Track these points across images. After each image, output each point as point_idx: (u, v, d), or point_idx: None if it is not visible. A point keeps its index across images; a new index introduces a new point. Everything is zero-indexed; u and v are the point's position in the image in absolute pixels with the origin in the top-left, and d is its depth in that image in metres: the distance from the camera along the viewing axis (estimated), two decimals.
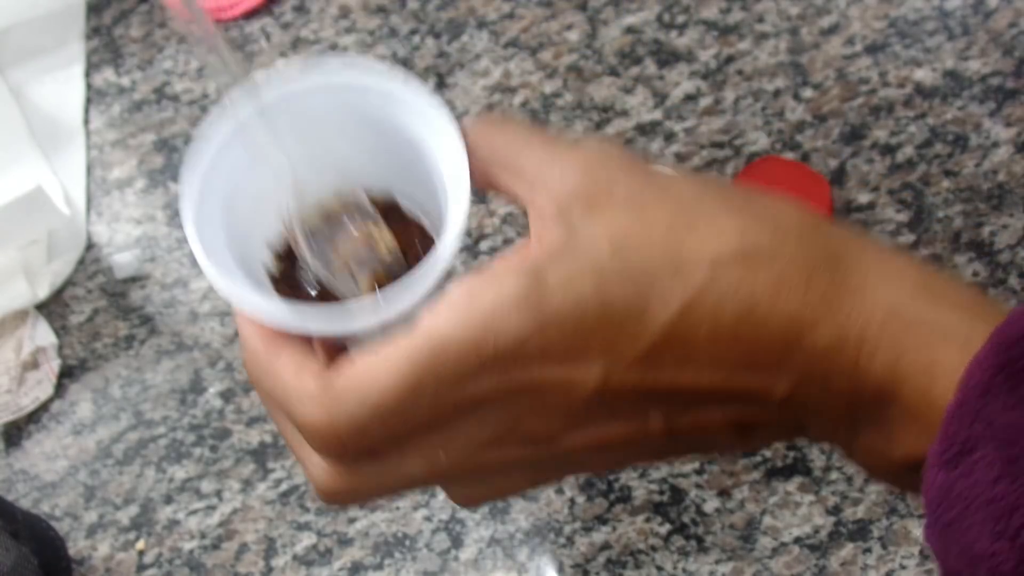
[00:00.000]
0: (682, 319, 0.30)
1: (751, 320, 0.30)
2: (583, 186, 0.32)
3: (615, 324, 0.30)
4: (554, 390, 0.31)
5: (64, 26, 0.86)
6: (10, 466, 0.70)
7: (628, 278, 0.30)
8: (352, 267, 0.38)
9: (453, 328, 0.29)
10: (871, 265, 0.31)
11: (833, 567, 0.61)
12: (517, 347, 0.30)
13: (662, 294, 0.30)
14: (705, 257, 0.30)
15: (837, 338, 0.30)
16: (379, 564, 0.64)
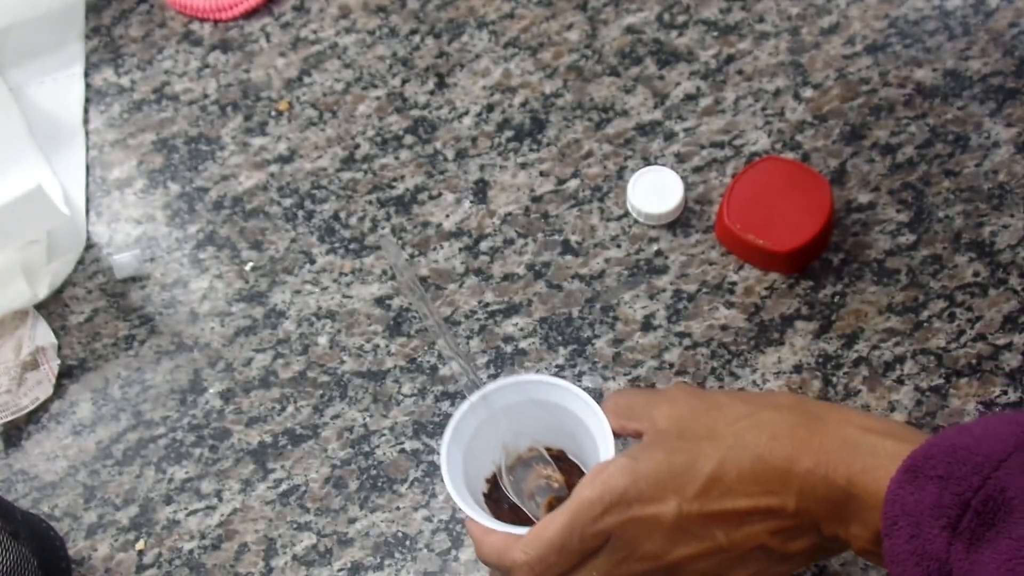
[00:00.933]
0: (719, 467, 0.50)
1: (761, 462, 0.49)
2: (670, 418, 0.54)
3: (678, 475, 0.50)
4: (649, 521, 0.50)
5: (64, 26, 0.86)
6: (10, 466, 0.70)
7: (683, 446, 0.51)
8: (535, 494, 0.61)
9: (588, 491, 0.51)
10: (831, 417, 0.50)
11: (833, 567, 0.61)
12: (621, 496, 0.50)
13: (706, 453, 0.50)
14: (728, 427, 0.51)
15: (815, 463, 0.48)
16: (379, 564, 0.64)
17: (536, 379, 0.61)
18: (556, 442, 0.64)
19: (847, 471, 0.47)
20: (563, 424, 0.62)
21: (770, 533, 0.50)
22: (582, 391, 0.60)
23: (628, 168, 0.75)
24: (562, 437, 0.63)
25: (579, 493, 0.51)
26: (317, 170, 0.78)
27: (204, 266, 0.75)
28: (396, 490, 0.66)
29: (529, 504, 0.61)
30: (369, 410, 0.69)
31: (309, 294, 0.74)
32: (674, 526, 0.50)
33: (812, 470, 0.48)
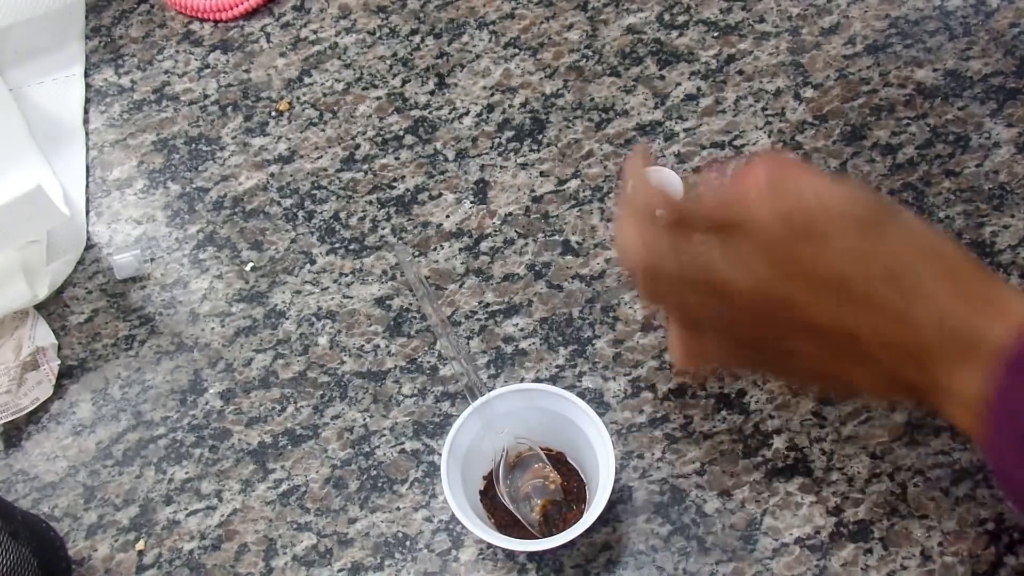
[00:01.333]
0: (905, 255, 0.46)
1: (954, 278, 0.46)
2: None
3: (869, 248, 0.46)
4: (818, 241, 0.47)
5: (64, 26, 0.86)
6: (10, 466, 0.70)
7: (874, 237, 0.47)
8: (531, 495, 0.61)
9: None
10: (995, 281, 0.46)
11: (834, 568, 0.61)
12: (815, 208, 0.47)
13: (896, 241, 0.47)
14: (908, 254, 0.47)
15: (937, 318, 0.45)
16: (379, 565, 0.64)
17: (539, 388, 0.62)
18: (557, 445, 0.64)
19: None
20: (564, 431, 0.62)
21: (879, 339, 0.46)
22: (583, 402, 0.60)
23: None
24: (562, 442, 0.64)
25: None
26: (317, 170, 0.78)
27: (204, 266, 0.75)
28: (396, 490, 0.66)
29: (523, 506, 0.61)
30: (369, 410, 0.69)
31: (309, 294, 0.73)
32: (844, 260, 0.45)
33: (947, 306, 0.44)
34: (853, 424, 0.64)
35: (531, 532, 0.61)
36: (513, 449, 0.63)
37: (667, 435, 0.65)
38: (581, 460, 0.63)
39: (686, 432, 0.65)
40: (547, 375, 0.68)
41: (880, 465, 0.63)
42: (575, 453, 0.64)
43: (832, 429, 0.64)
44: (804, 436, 0.64)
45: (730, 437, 0.65)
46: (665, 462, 0.65)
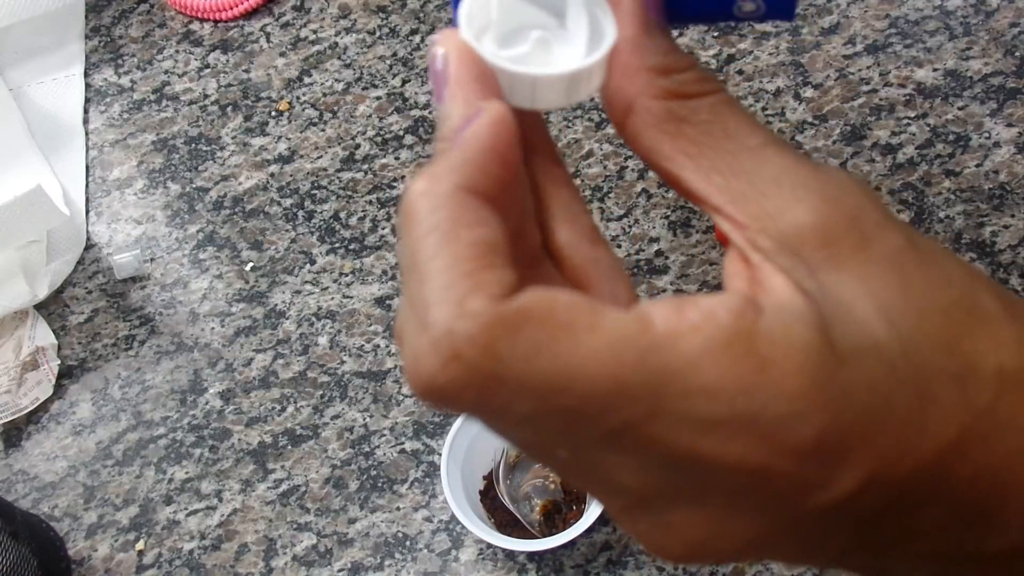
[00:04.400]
0: (954, 448, 0.23)
1: (1012, 468, 0.24)
2: (827, 221, 0.24)
3: (889, 434, 0.23)
4: (791, 488, 0.23)
5: (64, 26, 0.86)
6: (9, 466, 0.70)
7: (909, 374, 0.23)
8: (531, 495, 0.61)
9: (710, 359, 0.22)
10: None
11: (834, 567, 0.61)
12: (784, 421, 0.22)
13: (944, 409, 0.23)
14: (989, 372, 0.24)
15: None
16: (379, 565, 0.64)
17: None
18: None
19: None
20: None
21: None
22: None
23: (629, 168, 0.75)
24: None
25: (692, 348, 0.22)
26: (317, 170, 0.78)
27: (204, 266, 0.75)
28: (396, 490, 0.66)
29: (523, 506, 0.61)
30: (369, 410, 0.69)
31: (309, 294, 0.73)
32: (821, 512, 0.24)
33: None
34: None
35: (531, 532, 0.61)
36: (513, 449, 0.63)
37: None
38: None
39: None
40: None
41: None
42: None
43: None
44: None
45: None
46: None
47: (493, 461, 0.63)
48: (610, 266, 0.27)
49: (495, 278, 0.22)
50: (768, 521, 0.24)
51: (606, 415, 0.22)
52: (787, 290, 0.24)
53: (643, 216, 0.73)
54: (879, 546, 0.25)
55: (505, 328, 0.22)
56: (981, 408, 0.24)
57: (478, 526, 0.58)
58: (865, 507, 0.24)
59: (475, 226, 0.23)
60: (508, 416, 0.23)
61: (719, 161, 0.25)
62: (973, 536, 0.25)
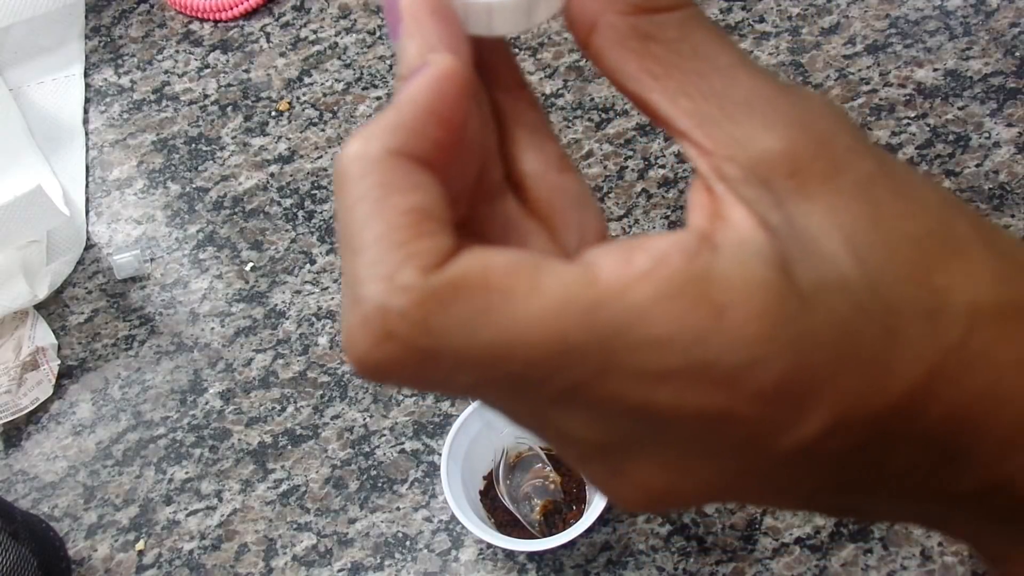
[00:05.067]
0: (924, 387, 0.22)
1: (984, 405, 0.23)
2: (797, 148, 0.23)
3: (856, 374, 0.22)
4: (754, 434, 0.22)
5: (64, 26, 0.86)
6: (9, 467, 0.70)
7: (877, 310, 0.22)
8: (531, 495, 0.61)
9: (661, 309, 0.21)
10: None
11: (834, 568, 0.61)
12: (743, 368, 0.21)
13: (913, 346, 0.22)
14: (961, 307, 0.23)
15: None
16: (379, 565, 0.64)
17: None
18: None
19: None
20: None
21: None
22: None
23: (629, 168, 0.75)
24: None
25: (640, 292, 0.21)
26: (317, 170, 0.78)
27: (204, 266, 0.75)
28: (396, 490, 0.66)
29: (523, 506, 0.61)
30: (369, 410, 0.69)
31: (309, 294, 0.73)
32: (787, 456, 0.23)
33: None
34: None
35: (531, 532, 0.61)
36: (513, 449, 0.63)
37: None
38: None
39: None
40: None
41: None
42: None
43: None
44: None
45: None
46: None
47: (493, 461, 0.63)
48: (578, 194, 0.26)
49: (428, 247, 0.21)
50: (732, 467, 0.24)
51: (553, 377, 0.21)
52: (747, 225, 0.22)
53: (643, 216, 0.73)
54: (849, 487, 0.25)
55: (439, 301, 0.21)
56: (952, 345, 0.23)
57: (478, 526, 0.58)
58: (833, 449, 0.23)
59: (408, 192, 0.22)
60: (450, 386, 0.22)
61: (686, 82, 0.23)
62: (946, 475, 0.24)
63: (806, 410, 0.22)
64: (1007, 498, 0.24)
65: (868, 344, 0.22)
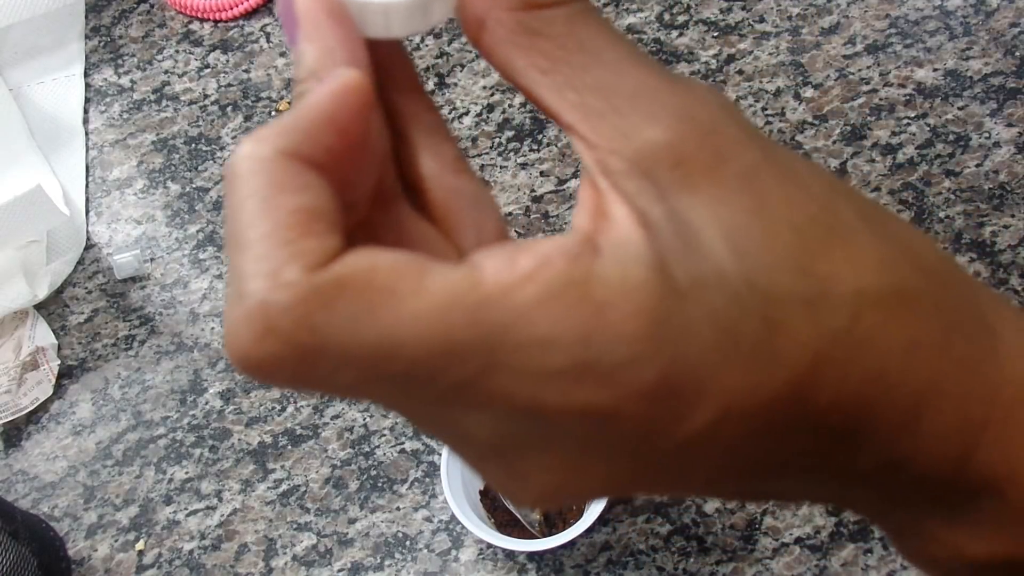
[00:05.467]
0: (810, 375, 0.23)
1: (874, 391, 0.23)
2: (681, 139, 0.23)
3: (738, 366, 0.22)
4: (641, 430, 0.23)
5: (64, 26, 0.86)
6: (9, 467, 0.70)
7: (755, 303, 0.22)
8: None
9: (544, 310, 0.21)
10: (1007, 329, 0.25)
11: (834, 568, 0.61)
12: (625, 366, 0.22)
13: (794, 336, 0.23)
14: (845, 295, 0.23)
15: (961, 417, 0.24)
16: (379, 565, 0.64)
17: None
18: None
19: (1015, 449, 0.25)
20: None
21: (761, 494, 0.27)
22: None
23: None
24: None
25: (522, 296, 0.21)
26: None
27: (204, 266, 0.75)
28: (396, 490, 0.66)
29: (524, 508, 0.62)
30: (369, 410, 0.69)
31: None
32: (676, 450, 0.24)
33: (952, 430, 0.24)
34: None
35: (531, 532, 0.61)
36: None
37: None
38: None
39: None
40: None
41: None
42: None
43: None
44: None
45: None
46: None
47: None
48: (474, 196, 0.26)
49: (314, 246, 0.21)
50: (623, 463, 0.24)
51: (438, 377, 0.21)
52: (627, 225, 0.23)
53: None
54: (745, 473, 0.25)
55: (321, 299, 0.21)
56: (836, 332, 0.23)
57: (478, 526, 0.58)
58: (724, 440, 0.23)
59: (297, 192, 0.22)
60: (332, 386, 0.22)
61: (573, 76, 0.24)
62: (842, 457, 0.24)
63: (691, 405, 0.22)
64: (905, 476, 0.25)
65: (748, 336, 0.22)
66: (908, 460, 0.25)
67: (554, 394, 0.22)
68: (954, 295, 0.25)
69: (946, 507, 0.26)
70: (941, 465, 0.25)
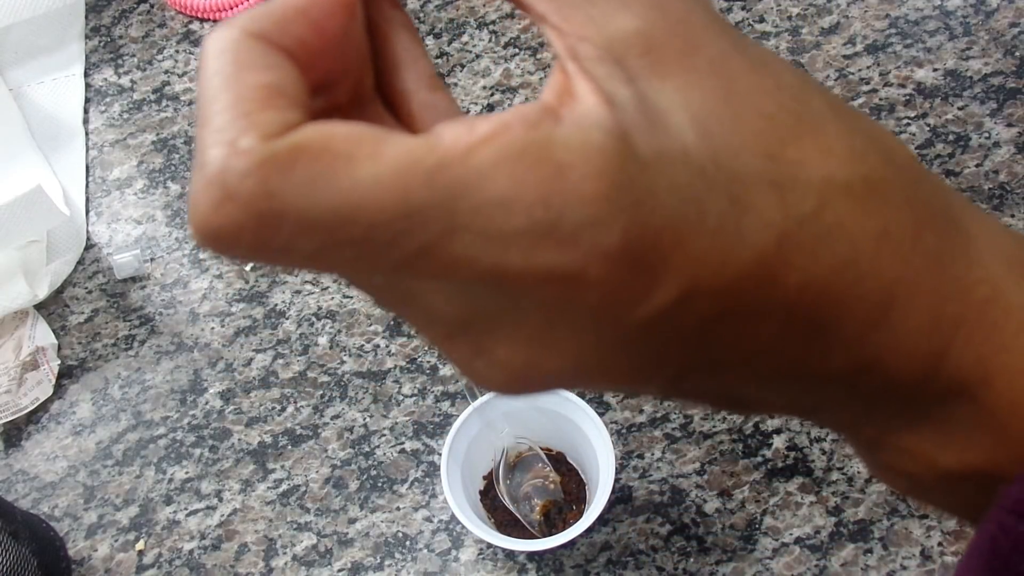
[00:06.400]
0: (776, 255, 0.23)
1: (844, 279, 0.23)
2: (652, 27, 0.23)
3: (704, 240, 0.22)
4: (607, 299, 0.22)
5: (64, 26, 0.86)
6: (10, 466, 0.70)
7: (721, 180, 0.23)
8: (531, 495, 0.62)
9: (503, 170, 0.21)
10: (979, 230, 0.25)
11: (834, 568, 0.61)
12: (586, 227, 0.21)
13: (760, 215, 0.23)
14: (813, 180, 0.23)
15: (933, 314, 0.24)
16: (379, 565, 0.64)
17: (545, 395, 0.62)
18: (557, 445, 0.64)
19: (987, 350, 0.25)
20: (564, 431, 0.62)
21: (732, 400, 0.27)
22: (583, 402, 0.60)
23: None
24: (562, 442, 0.64)
25: (482, 154, 0.21)
26: None
27: (204, 266, 0.75)
28: (396, 490, 0.66)
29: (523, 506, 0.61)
30: (369, 410, 0.69)
31: (309, 294, 0.73)
32: (639, 328, 0.23)
33: (922, 328, 0.24)
34: None
35: (531, 532, 0.61)
36: (513, 449, 0.63)
37: (667, 435, 0.65)
38: (581, 460, 0.63)
39: (686, 432, 0.65)
40: None
41: None
42: (575, 453, 0.64)
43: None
44: (804, 436, 0.64)
45: (730, 437, 0.65)
46: (665, 462, 0.65)
47: (493, 461, 0.63)
48: (447, 110, 0.26)
49: (273, 118, 0.22)
50: (591, 339, 0.24)
51: (399, 241, 0.21)
52: (591, 99, 0.22)
53: None
54: (716, 365, 0.25)
55: (278, 164, 0.21)
56: (804, 215, 0.23)
57: (478, 526, 0.58)
58: (692, 320, 0.23)
59: (261, 70, 0.23)
60: (293, 255, 0.22)
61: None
62: (813, 353, 0.24)
63: (656, 276, 0.22)
64: (876, 378, 0.25)
65: (713, 212, 0.22)
66: (879, 361, 0.24)
67: (516, 257, 0.22)
68: (925, 191, 0.25)
69: (917, 415, 0.25)
70: (912, 366, 0.24)
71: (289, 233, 0.21)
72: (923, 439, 0.26)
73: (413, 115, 0.26)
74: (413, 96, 0.26)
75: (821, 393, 0.26)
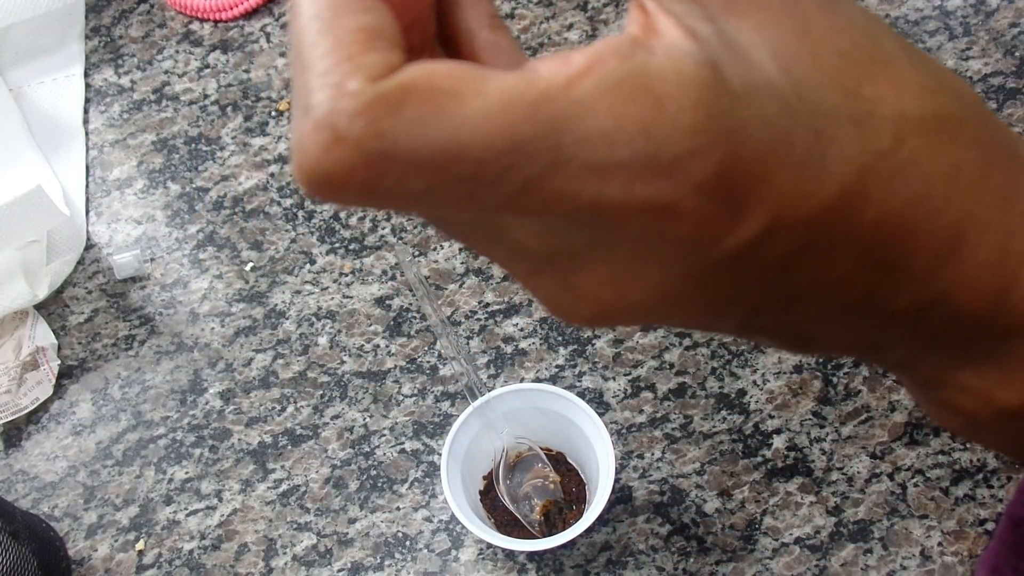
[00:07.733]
0: (856, 189, 0.23)
1: (917, 213, 0.24)
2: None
3: (789, 173, 0.23)
4: (697, 230, 0.23)
5: (64, 26, 0.86)
6: (10, 466, 0.70)
7: (805, 113, 0.23)
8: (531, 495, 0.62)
9: (604, 101, 0.21)
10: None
11: (834, 568, 0.61)
12: (684, 158, 0.22)
13: (842, 149, 0.23)
14: (889, 116, 0.24)
15: (1000, 250, 0.24)
16: (379, 565, 0.64)
17: (539, 388, 0.62)
18: (557, 445, 0.64)
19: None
20: (564, 431, 0.62)
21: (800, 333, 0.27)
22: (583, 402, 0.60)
23: None
24: (562, 442, 0.64)
25: (583, 87, 0.22)
26: None
27: (204, 266, 0.75)
28: (396, 490, 0.66)
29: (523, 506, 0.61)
30: (369, 410, 0.69)
31: (309, 294, 0.73)
32: (723, 260, 0.24)
33: (990, 262, 0.25)
34: (853, 424, 0.65)
35: (531, 532, 0.61)
36: (513, 449, 0.63)
37: (667, 435, 0.65)
38: (581, 460, 0.63)
39: (686, 432, 0.65)
40: (547, 375, 0.68)
41: (880, 465, 0.63)
42: (575, 453, 0.64)
43: (832, 429, 0.64)
44: (804, 436, 0.64)
45: (730, 437, 0.65)
46: (665, 462, 0.65)
47: (493, 461, 0.63)
48: (509, 50, 0.27)
49: (377, 60, 0.22)
50: (676, 272, 0.24)
51: (506, 176, 0.21)
52: (675, 31, 0.23)
53: None
54: (790, 299, 0.25)
55: (387, 105, 0.21)
56: (882, 150, 0.23)
57: (478, 526, 0.58)
58: (773, 253, 0.24)
59: (358, 13, 0.23)
60: (402, 196, 0.22)
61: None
62: (883, 288, 0.25)
63: (745, 208, 0.23)
64: (942, 313, 0.25)
65: (798, 144, 0.23)
66: (946, 296, 0.25)
67: (616, 189, 0.22)
68: (991, 129, 0.25)
69: (979, 352, 0.26)
70: (978, 301, 0.25)
71: (400, 173, 0.21)
72: (983, 377, 0.26)
73: (476, 55, 0.26)
74: (476, 35, 0.27)
75: (887, 330, 0.26)
